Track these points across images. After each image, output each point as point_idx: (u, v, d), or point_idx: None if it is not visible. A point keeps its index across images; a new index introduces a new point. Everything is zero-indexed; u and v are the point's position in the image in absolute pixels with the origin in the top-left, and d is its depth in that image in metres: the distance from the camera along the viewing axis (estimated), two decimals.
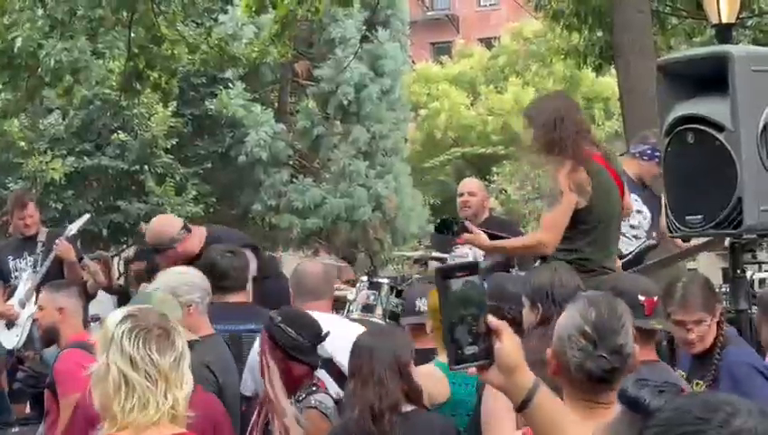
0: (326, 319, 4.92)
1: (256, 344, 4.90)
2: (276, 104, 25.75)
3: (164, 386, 2.78)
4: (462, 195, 7.77)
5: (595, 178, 5.53)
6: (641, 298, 4.03)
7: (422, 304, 5.48)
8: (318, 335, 4.55)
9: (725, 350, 4.48)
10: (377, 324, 6.35)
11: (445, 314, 2.28)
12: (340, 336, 4.73)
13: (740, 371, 4.26)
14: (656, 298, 4.06)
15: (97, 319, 8.26)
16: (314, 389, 4.52)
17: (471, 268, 2.29)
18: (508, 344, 2.25)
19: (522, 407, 2.26)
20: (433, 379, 4.54)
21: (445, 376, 4.64)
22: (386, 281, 7.50)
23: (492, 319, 2.26)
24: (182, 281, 5.06)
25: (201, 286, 5.11)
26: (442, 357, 4.96)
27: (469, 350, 2.25)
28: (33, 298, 7.87)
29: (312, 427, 4.36)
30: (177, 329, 2.91)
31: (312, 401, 4.44)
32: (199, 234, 6.74)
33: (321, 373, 4.68)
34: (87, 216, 8.93)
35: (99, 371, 2.83)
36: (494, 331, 2.26)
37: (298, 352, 4.48)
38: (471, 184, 7.99)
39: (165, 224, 6.94)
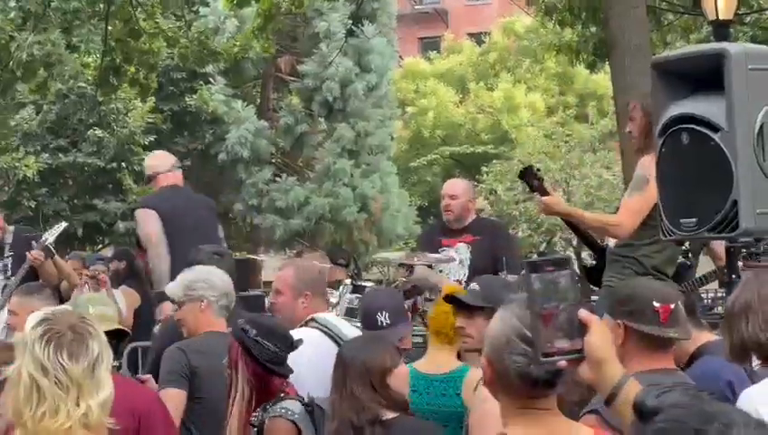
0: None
1: None
2: (258, 101, 25.73)
3: (76, 393, 2.74)
4: (443, 198, 7.77)
5: None
6: (656, 305, 4.00)
7: (384, 319, 5.42)
8: (291, 344, 4.57)
9: (699, 360, 4.54)
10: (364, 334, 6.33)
11: (532, 307, 2.36)
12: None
13: (705, 384, 4.26)
14: (672, 305, 4.03)
15: None
16: (281, 395, 4.52)
17: (562, 263, 2.38)
18: (597, 338, 2.36)
19: (609, 399, 2.37)
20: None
21: (408, 381, 4.62)
22: (370, 284, 7.49)
23: (583, 312, 2.35)
24: (200, 277, 5.38)
25: (219, 287, 5.37)
26: (420, 361, 4.96)
27: (559, 344, 2.35)
28: (7, 305, 7.83)
29: None
30: (93, 333, 2.86)
31: (279, 410, 4.44)
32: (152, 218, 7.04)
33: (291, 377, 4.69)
34: (64, 224, 8.87)
35: (12, 377, 2.81)
36: (585, 324, 2.35)
37: (276, 365, 4.50)
38: (454, 186, 7.92)
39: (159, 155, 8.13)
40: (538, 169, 6.09)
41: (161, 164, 8.00)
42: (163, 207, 7.59)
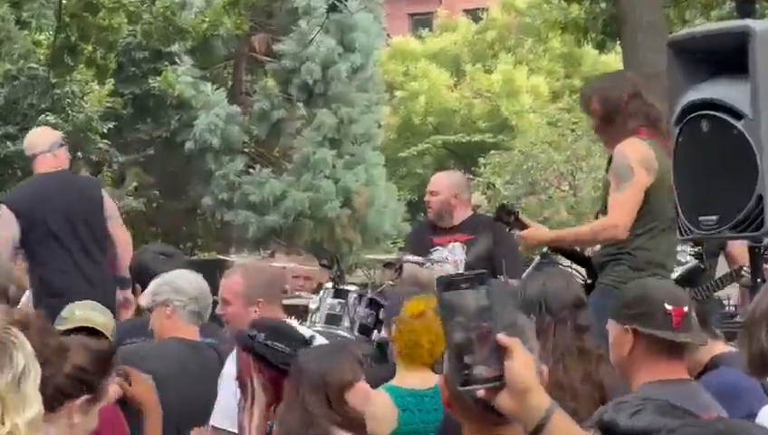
0: None
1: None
2: (230, 83, 25.69)
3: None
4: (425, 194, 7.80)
5: (658, 157, 5.81)
6: (668, 307, 4.01)
7: None
8: (304, 341, 4.61)
9: (713, 371, 4.56)
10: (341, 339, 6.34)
11: (448, 329, 2.32)
12: None
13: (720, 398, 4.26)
14: (686, 308, 4.04)
15: None
16: None
17: (479, 279, 2.34)
18: (520, 364, 2.31)
19: (535, 433, 2.30)
20: (377, 406, 4.50)
21: (392, 404, 4.62)
22: (354, 288, 7.48)
23: (503, 336, 2.31)
24: (166, 281, 5.49)
25: (188, 291, 5.44)
26: (397, 379, 4.95)
27: (478, 370, 2.31)
28: None
29: None
30: (18, 343, 2.83)
31: None
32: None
33: None
34: None
35: None
36: (506, 349, 2.30)
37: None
38: (437, 181, 7.90)
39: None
40: (512, 204, 6.20)
41: (40, 143, 7.65)
42: (24, 206, 7.35)
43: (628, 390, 3.99)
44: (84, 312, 5.20)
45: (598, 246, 6.29)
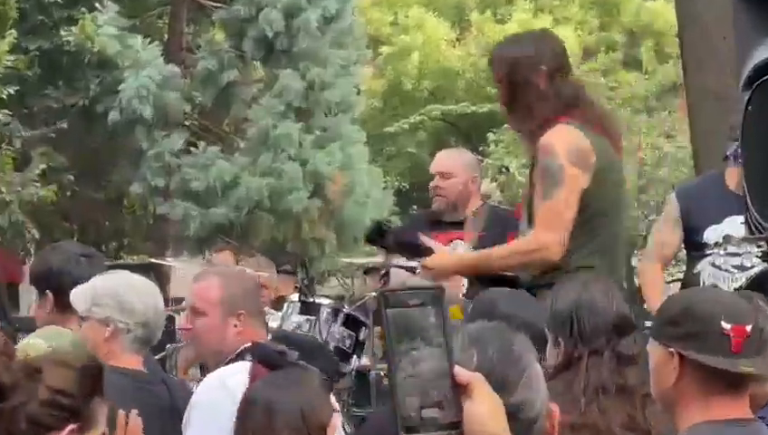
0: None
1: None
2: (166, 36, 25.65)
3: None
4: (433, 177, 7.77)
5: (596, 148, 5.84)
6: (726, 326, 3.93)
7: None
8: (337, 366, 4.63)
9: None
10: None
11: (391, 359, 2.28)
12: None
13: None
14: (749, 327, 3.97)
15: None
16: None
17: (431, 295, 2.30)
18: (483, 407, 2.27)
19: None
20: None
21: None
22: (327, 302, 7.51)
23: (461, 370, 2.27)
24: (110, 292, 5.36)
25: (136, 313, 5.34)
26: None
27: (427, 413, 2.26)
28: None
29: None
30: None
31: None
32: None
33: None
34: None
35: None
36: (465, 387, 2.27)
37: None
38: (446, 160, 7.93)
39: None
40: (387, 222, 6.13)
41: None
42: None
43: (674, 431, 3.96)
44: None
45: None
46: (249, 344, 5.27)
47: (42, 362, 3.66)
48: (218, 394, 4.92)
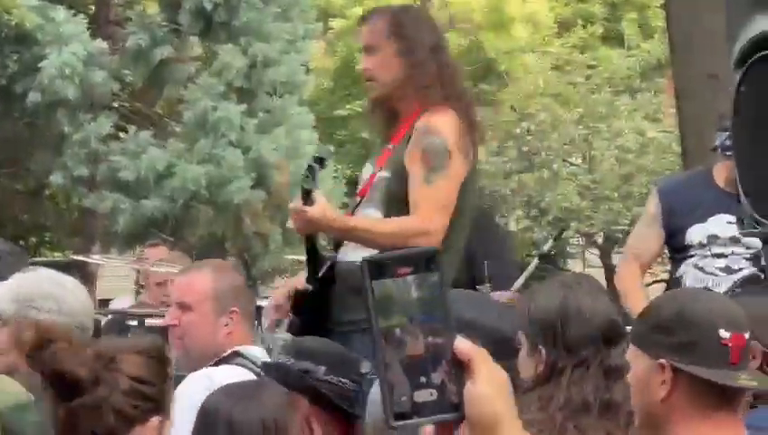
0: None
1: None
2: (92, 9, 25.60)
3: None
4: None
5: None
6: (725, 335, 3.90)
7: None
8: (361, 375, 4.68)
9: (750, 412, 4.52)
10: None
11: (377, 338, 2.20)
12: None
13: None
14: (747, 335, 3.94)
15: None
16: None
17: (426, 261, 2.21)
18: (486, 387, 2.20)
19: None
20: None
21: None
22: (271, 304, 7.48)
23: (462, 344, 2.19)
24: (44, 293, 5.22)
25: (75, 313, 5.21)
26: None
27: (420, 396, 2.19)
28: None
29: None
30: None
31: None
32: None
33: None
34: None
35: None
36: (467, 365, 2.20)
37: (358, 406, 4.55)
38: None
39: None
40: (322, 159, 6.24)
41: None
42: None
43: None
44: None
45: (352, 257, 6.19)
46: (237, 348, 5.38)
47: (114, 348, 3.68)
48: (203, 383, 4.99)
